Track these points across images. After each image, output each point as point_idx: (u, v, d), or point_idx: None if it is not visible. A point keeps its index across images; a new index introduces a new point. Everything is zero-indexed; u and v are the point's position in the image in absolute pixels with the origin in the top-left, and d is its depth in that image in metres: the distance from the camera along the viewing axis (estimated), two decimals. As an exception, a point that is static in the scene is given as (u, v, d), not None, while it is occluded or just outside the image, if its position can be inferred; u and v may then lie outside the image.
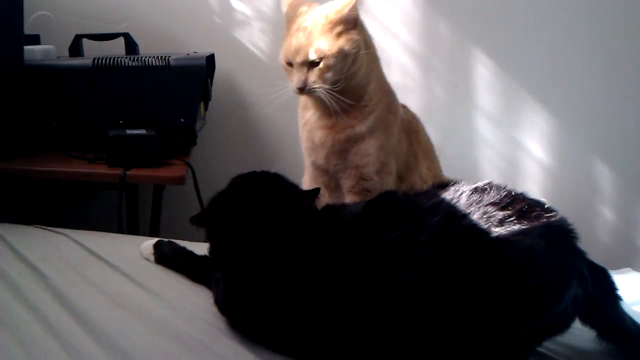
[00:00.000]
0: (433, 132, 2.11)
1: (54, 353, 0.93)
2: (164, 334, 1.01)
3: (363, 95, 1.34)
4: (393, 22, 2.05)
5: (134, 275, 1.23)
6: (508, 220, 0.97)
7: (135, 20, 2.05)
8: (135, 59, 1.78)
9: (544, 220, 0.99)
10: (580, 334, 1.08)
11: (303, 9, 1.31)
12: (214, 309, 1.08)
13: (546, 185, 2.14)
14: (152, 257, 1.31)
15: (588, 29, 2.02)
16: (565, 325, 1.01)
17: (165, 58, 1.77)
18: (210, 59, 1.92)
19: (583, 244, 1.05)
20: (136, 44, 1.92)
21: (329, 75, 1.24)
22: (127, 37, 1.91)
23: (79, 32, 1.91)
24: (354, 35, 1.26)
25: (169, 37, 2.07)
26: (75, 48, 1.90)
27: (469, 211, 0.98)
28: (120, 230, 1.71)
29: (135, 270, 1.25)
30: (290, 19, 1.32)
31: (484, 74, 2.07)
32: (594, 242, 2.15)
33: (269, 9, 2.07)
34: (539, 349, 1.04)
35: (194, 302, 1.14)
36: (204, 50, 1.92)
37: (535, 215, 0.99)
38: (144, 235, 1.83)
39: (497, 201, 1.00)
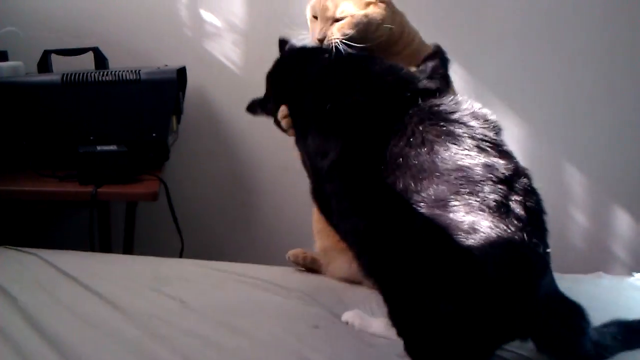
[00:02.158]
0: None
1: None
2: (137, 355, 1.00)
3: None
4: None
5: (106, 295, 1.21)
6: None
7: (104, 34, 2.03)
8: (105, 73, 1.76)
9: None
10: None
11: None
12: (188, 327, 1.07)
13: (519, 190, 2.16)
14: None
15: (556, 34, 2.05)
16: None
17: (135, 72, 1.75)
18: (182, 72, 1.91)
19: (556, 248, 1.05)
20: (106, 58, 1.90)
21: (349, 31, 1.27)
22: (97, 51, 1.89)
23: (47, 48, 1.89)
24: (381, 9, 1.31)
25: (139, 51, 2.05)
26: (44, 64, 1.88)
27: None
28: (92, 249, 1.69)
29: (108, 290, 1.23)
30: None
31: (454, 80, 2.08)
32: (567, 247, 2.19)
33: (240, 20, 2.06)
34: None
35: (167, 321, 1.13)
36: (175, 63, 1.91)
37: None
38: (117, 252, 1.81)
39: None
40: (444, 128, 1.02)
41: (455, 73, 2.06)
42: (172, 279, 1.34)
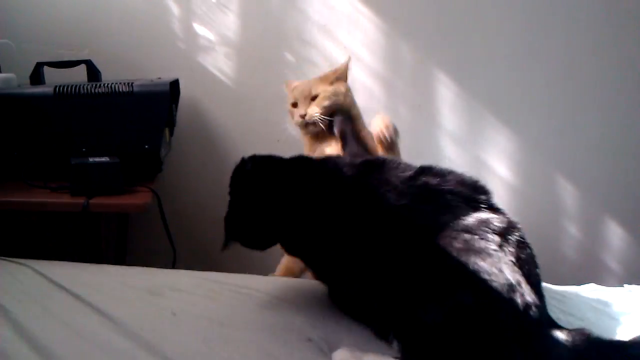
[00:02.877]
0: (398, 153, 2.15)
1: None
2: (129, 366, 0.99)
3: None
4: (357, 46, 2.08)
5: (98, 306, 1.20)
6: None
7: (97, 47, 2.04)
8: (98, 85, 1.77)
9: None
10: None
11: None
12: (179, 339, 1.07)
13: (511, 203, 2.17)
14: None
15: (547, 48, 2.07)
16: None
17: (128, 84, 1.76)
18: (175, 84, 1.92)
19: (549, 260, 1.07)
20: (98, 71, 1.90)
21: (325, 102, 1.60)
22: (89, 64, 1.90)
23: (40, 60, 1.89)
24: (341, 84, 1.67)
25: (132, 63, 2.06)
26: (37, 76, 1.88)
27: None
28: (84, 260, 1.67)
29: (99, 300, 1.22)
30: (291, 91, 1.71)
31: (446, 94, 2.10)
32: (559, 258, 2.20)
33: (233, 34, 2.08)
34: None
35: (159, 332, 1.12)
36: (168, 76, 1.92)
37: None
38: (109, 263, 1.80)
39: None
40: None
41: (447, 88, 2.10)
42: (164, 289, 1.33)
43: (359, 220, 1.13)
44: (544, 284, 1.57)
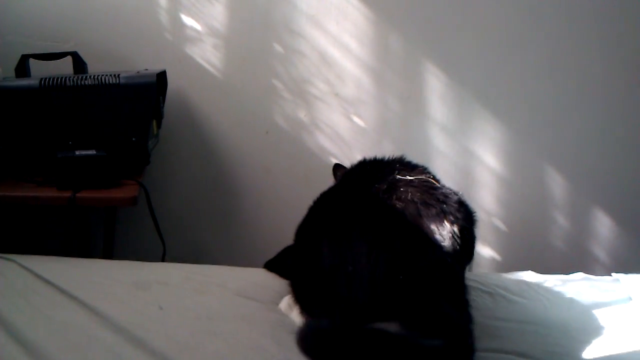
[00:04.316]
0: (388, 143, 2.15)
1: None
2: (115, 361, 0.99)
3: None
4: (346, 37, 2.06)
5: (84, 300, 1.20)
6: None
7: (83, 38, 2.01)
8: (84, 77, 1.75)
9: None
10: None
11: None
12: (165, 332, 1.06)
13: (500, 193, 2.18)
14: None
15: (533, 39, 2.06)
16: None
17: (115, 76, 1.74)
18: (162, 76, 1.90)
19: (537, 250, 1.07)
20: (85, 63, 1.88)
21: None
22: (75, 56, 1.87)
23: (25, 52, 1.87)
24: None
25: (118, 55, 2.03)
26: (22, 68, 1.86)
27: None
28: (71, 254, 1.67)
29: (86, 295, 1.22)
30: None
31: (435, 85, 2.09)
32: (548, 248, 2.21)
33: (221, 24, 2.06)
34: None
35: (145, 326, 1.12)
36: (155, 67, 1.90)
37: None
38: (97, 257, 1.80)
39: None
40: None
41: (437, 78, 2.10)
42: (151, 283, 1.33)
43: None
44: (533, 274, 1.58)
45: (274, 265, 1.47)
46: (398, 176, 1.21)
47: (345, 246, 1.07)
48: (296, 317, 1.22)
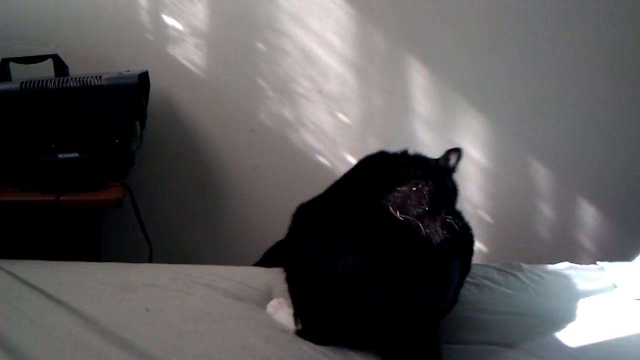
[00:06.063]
0: (373, 139, 2.15)
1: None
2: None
3: None
4: (329, 34, 2.06)
5: (70, 304, 1.19)
6: None
7: (64, 40, 1.99)
8: (66, 80, 1.73)
9: None
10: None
11: None
12: (152, 334, 1.06)
13: (485, 186, 2.19)
14: None
15: (515, 32, 2.07)
16: None
17: (96, 78, 1.72)
18: (144, 76, 1.89)
19: (523, 240, 1.08)
20: (66, 65, 1.87)
21: None
22: (56, 58, 1.86)
23: (5, 56, 1.85)
24: None
25: (100, 57, 2.02)
26: (2, 72, 1.84)
27: None
28: (57, 257, 1.65)
29: (71, 298, 1.21)
30: None
31: (418, 80, 2.10)
32: (533, 238, 2.23)
33: (203, 24, 2.05)
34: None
35: (134, 329, 1.11)
36: (137, 68, 1.89)
37: None
38: (84, 260, 1.78)
39: None
40: None
41: (420, 74, 2.11)
42: (138, 285, 1.32)
43: None
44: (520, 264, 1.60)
45: (267, 258, 1.47)
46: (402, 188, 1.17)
47: (333, 255, 1.07)
48: (282, 318, 1.22)
